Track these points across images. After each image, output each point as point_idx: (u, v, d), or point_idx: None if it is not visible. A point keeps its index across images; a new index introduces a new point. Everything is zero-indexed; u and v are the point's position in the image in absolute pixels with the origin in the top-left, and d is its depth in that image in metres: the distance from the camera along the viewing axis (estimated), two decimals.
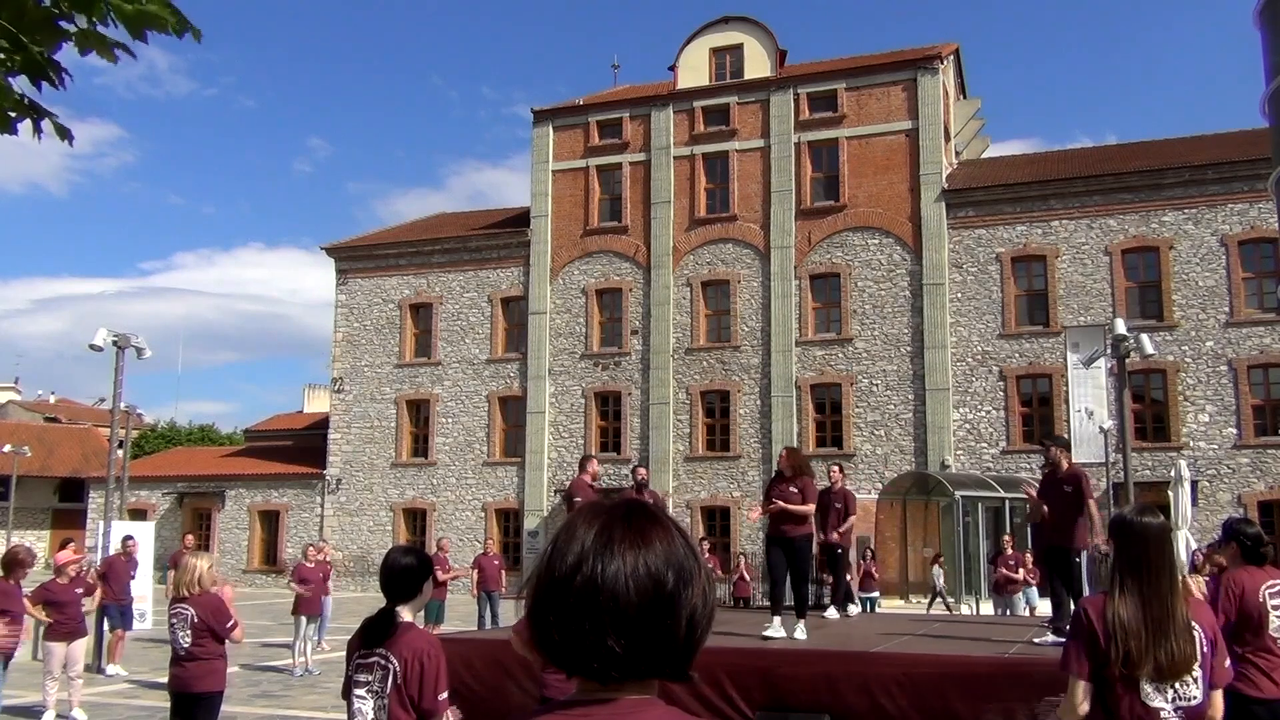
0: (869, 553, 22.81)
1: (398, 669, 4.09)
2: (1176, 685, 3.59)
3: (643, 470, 12.66)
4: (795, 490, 9.45)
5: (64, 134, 3.54)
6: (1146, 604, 3.61)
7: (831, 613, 11.58)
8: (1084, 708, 3.66)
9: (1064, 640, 8.50)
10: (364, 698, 4.15)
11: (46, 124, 3.51)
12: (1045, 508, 9.07)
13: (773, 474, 11.67)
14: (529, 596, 1.33)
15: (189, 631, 6.68)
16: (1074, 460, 9.01)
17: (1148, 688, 3.59)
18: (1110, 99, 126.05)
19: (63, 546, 16.46)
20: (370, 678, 4.15)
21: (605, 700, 1.29)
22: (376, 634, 4.20)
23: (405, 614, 4.26)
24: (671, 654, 1.30)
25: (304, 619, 15.41)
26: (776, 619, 9.10)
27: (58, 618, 11.39)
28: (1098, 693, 3.69)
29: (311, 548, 16.74)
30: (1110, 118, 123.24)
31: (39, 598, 11.33)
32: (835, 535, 11.59)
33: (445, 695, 4.18)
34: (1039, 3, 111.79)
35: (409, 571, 4.27)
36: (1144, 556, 3.69)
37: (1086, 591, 9.35)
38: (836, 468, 12.51)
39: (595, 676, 1.29)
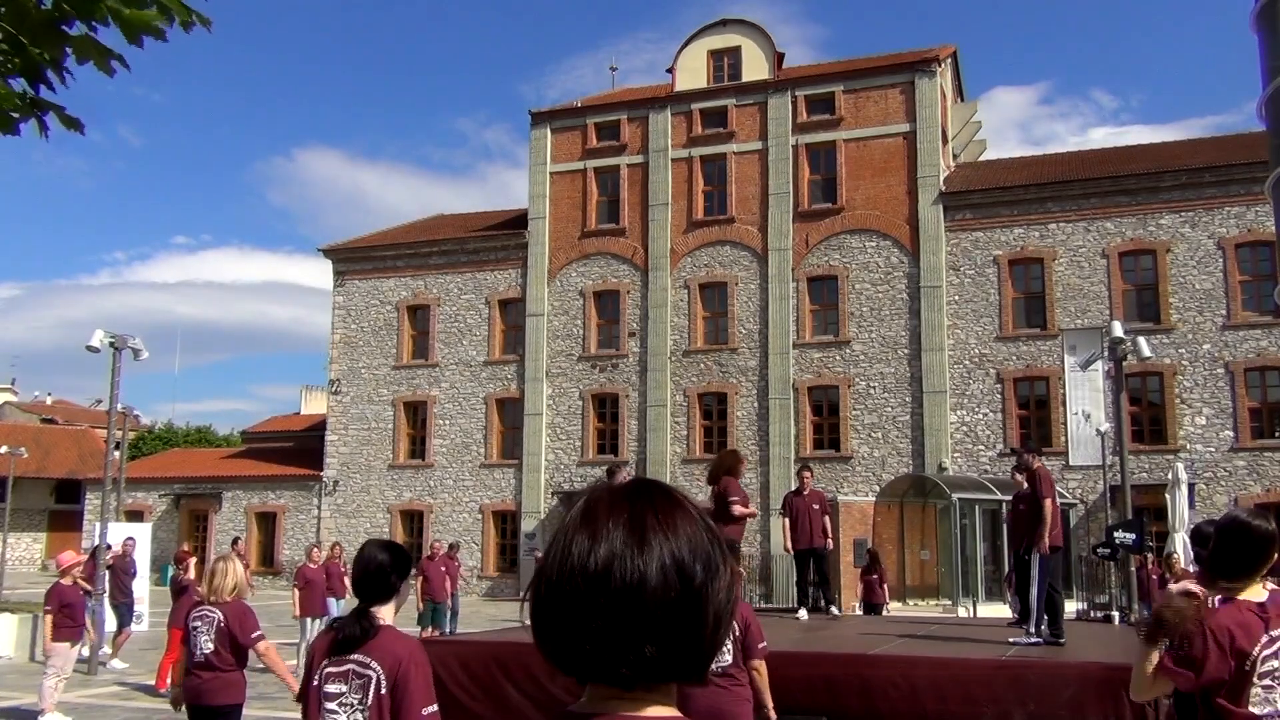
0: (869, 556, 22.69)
1: (382, 677, 3.60)
2: None
3: (624, 472, 12.42)
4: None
5: (73, 124, 3.52)
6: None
7: (803, 614, 11.69)
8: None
9: (1036, 640, 8.58)
10: (336, 712, 3.63)
11: (53, 119, 3.50)
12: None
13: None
14: (532, 598, 1.20)
15: (212, 637, 6.21)
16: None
17: None
18: (1108, 99, 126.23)
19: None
20: (344, 689, 3.64)
21: (624, 709, 1.17)
22: (350, 639, 3.69)
23: (383, 616, 3.77)
24: (695, 654, 1.17)
25: (308, 620, 15.28)
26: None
27: (66, 619, 11.35)
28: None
29: (316, 549, 16.65)
30: (1109, 119, 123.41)
31: (56, 601, 11.24)
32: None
33: (433, 709, 3.59)
34: (1040, 3, 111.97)
35: (384, 569, 3.78)
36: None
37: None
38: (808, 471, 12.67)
39: (612, 682, 1.16)
